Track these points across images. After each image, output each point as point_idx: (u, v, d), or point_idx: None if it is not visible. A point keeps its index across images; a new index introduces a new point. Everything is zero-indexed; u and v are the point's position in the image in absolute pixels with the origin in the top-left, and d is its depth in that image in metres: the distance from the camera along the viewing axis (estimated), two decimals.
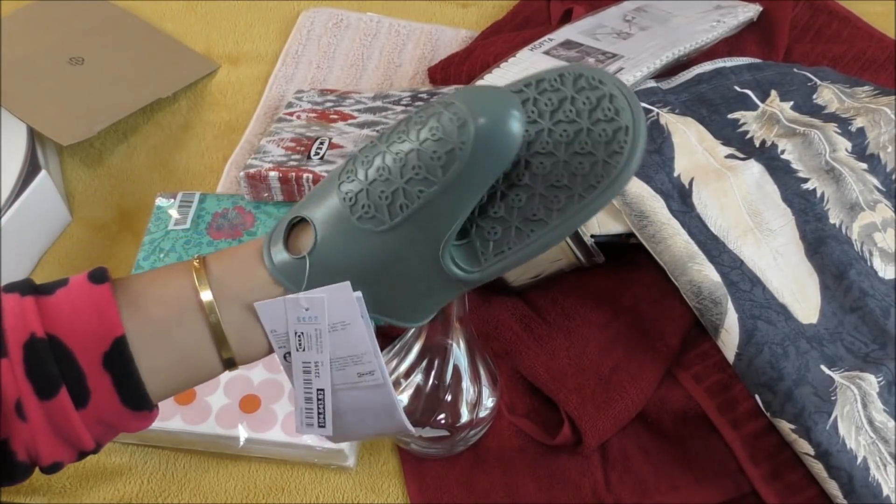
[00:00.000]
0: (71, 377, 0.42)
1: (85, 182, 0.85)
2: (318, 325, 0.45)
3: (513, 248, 0.44)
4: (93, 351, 0.42)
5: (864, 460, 0.59)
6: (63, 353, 0.42)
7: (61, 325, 0.42)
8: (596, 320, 0.70)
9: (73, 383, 0.42)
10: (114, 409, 0.43)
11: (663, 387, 0.67)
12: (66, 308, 0.43)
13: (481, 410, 0.62)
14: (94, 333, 0.42)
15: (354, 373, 0.46)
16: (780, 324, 0.63)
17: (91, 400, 0.43)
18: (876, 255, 0.69)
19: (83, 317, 0.43)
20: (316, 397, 0.47)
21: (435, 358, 0.61)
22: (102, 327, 0.42)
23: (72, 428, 0.43)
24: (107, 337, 0.42)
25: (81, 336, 0.42)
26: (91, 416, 0.43)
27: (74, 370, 0.42)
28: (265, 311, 0.45)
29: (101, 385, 0.43)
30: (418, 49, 0.97)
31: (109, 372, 0.42)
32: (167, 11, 1.00)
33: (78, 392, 0.42)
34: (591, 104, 0.43)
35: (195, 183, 0.84)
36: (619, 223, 0.69)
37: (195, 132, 0.89)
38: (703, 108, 0.76)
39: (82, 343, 0.42)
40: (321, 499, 0.64)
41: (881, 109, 0.75)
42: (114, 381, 0.43)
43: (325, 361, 0.46)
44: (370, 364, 0.46)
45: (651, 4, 0.92)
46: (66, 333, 0.42)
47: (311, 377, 0.46)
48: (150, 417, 0.46)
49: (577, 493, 0.63)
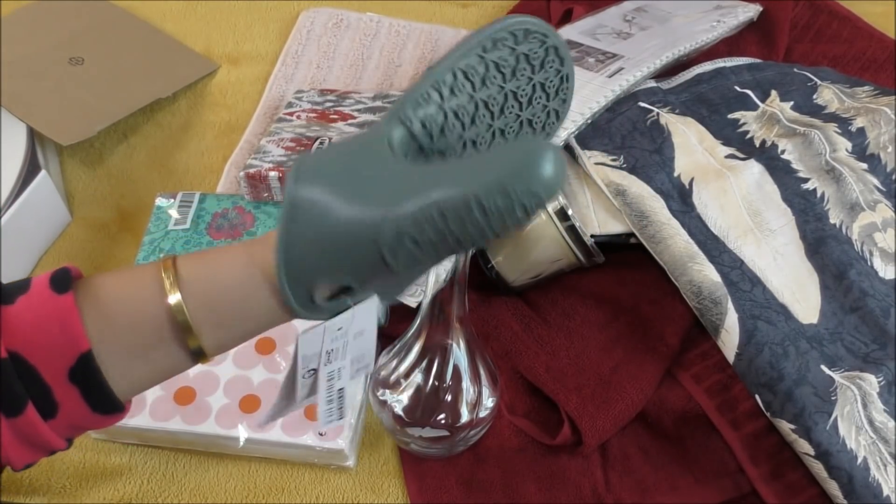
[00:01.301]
0: (36, 392, 0.41)
1: (85, 182, 0.85)
2: (346, 337, 0.45)
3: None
4: (57, 366, 0.41)
5: (865, 460, 0.59)
6: (26, 369, 0.41)
7: (24, 340, 0.41)
8: (596, 320, 0.70)
9: (40, 398, 0.41)
10: (84, 416, 0.43)
11: (663, 387, 0.67)
12: (28, 320, 0.42)
13: (481, 410, 0.62)
14: (58, 349, 0.41)
15: (354, 369, 0.48)
16: (781, 324, 0.63)
17: (60, 411, 0.42)
18: (876, 255, 0.68)
19: (45, 331, 0.41)
20: (337, 396, 0.48)
21: (435, 358, 0.61)
22: (66, 342, 0.41)
23: (42, 437, 0.42)
24: (71, 352, 0.41)
25: (45, 352, 0.41)
26: (61, 424, 0.43)
27: (40, 385, 0.41)
28: (304, 340, 0.44)
29: (68, 398, 0.42)
30: (418, 49, 0.96)
31: (76, 384, 0.42)
32: (167, 11, 1.00)
33: (45, 405, 0.42)
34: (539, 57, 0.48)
35: (195, 183, 0.84)
36: (619, 223, 0.69)
37: (195, 132, 0.89)
38: (704, 108, 0.76)
39: (46, 359, 0.41)
40: (321, 499, 0.64)
41: (881, 109, 0.75)
42: (81, 392, 0.42)
43: (346, 366, 0.47)
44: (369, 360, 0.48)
45: (651, 4, 0.92)
46: (30, 350, 0.41)
47: (335, 382, 0.47)
48: (123, 415, 0.45)
49: (577, 493, 0.63)
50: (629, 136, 0.72)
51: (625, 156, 0.70)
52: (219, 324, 0.44)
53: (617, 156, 0.71)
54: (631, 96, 0.75)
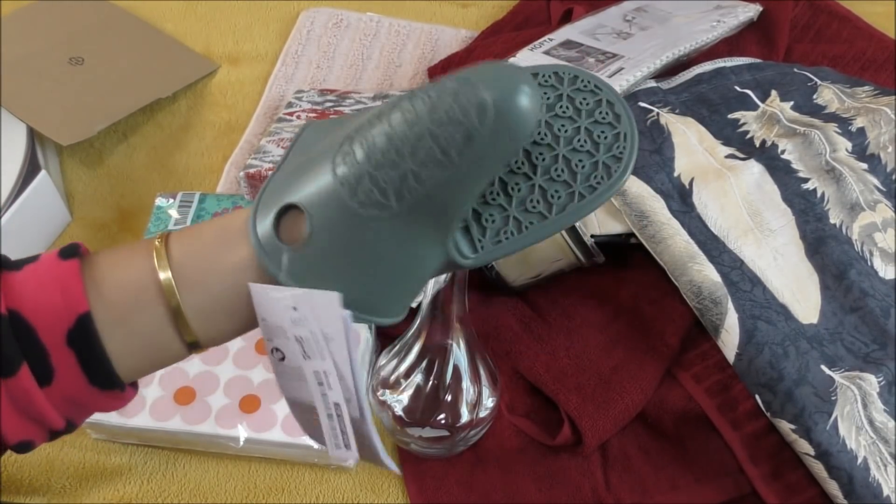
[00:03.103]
0: (33, 354, 0.41)
1: (85, 182, 0.85)
2: (312, 327, 0.41)
3: (510, 238, 0.44)
4: (56, 327, 0.41)
5: (865, 460, 0.59)
6: (25, 329, 0.40)
7: (24, 300, 0.41)
8: (596, 320, 0.70)
9: (36, 360, 0.41)
10: (80, 388, 0.42)
11: (663, 387, 0.67)
12: (31, 283, 0.41)
13: (481, 410, 0.62)
14: (58, 309, 0.41)
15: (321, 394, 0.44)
16: (781, 324, 0.63)
17: (55, 377, 0.41)
18: (876, 255, 0.68)
19: (47, 292, 0.41)
20: (335, 413, 0.43)
21: (435, 358, 0.61)
22: (66, 303, 0.41)
23: (35, 406, 0.41)
24: (71, 313, 0.41)
25: (45, 312, 0.41)
26: (57, 393, 0.42)
27: (37, 347, 0.41)
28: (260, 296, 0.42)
29: (65, 362, 0.41)
30: (418, 49, 0.97)
31: (73, 349, 0.41)
32: (167, 11, 1.00)
33: (41, 369, 0.41)
34: (588, 106, 0.44)
35: (195, 183, 0.84)
36: (619, 223, 0.69)
37: (195, 132, 0.89)
38: (704, 108, 0.76)
39: (45, 319, 0.41)
40: (321, 499, 0.64)
41: (881, 109, 0.75)
42: (78, 358, 0.41)
43: (331, 371, 0.42)
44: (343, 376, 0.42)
45: (651, 4, 0.92)
46: (29, 309, 0.41)
47: (325, 390, 0.43)
48: (124, 397, 0.44)
49: (577, 493, 0.63)
50: None
51: None
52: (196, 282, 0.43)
53: None
54: (631, 96, 0.75)
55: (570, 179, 0.44)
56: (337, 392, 0.42)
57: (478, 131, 0.40)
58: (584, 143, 0.44)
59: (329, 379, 0.42)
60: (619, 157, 0.43)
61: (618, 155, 0.44)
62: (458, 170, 0.41)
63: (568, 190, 0.44)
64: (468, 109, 0.40)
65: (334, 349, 0.41)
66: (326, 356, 0.42)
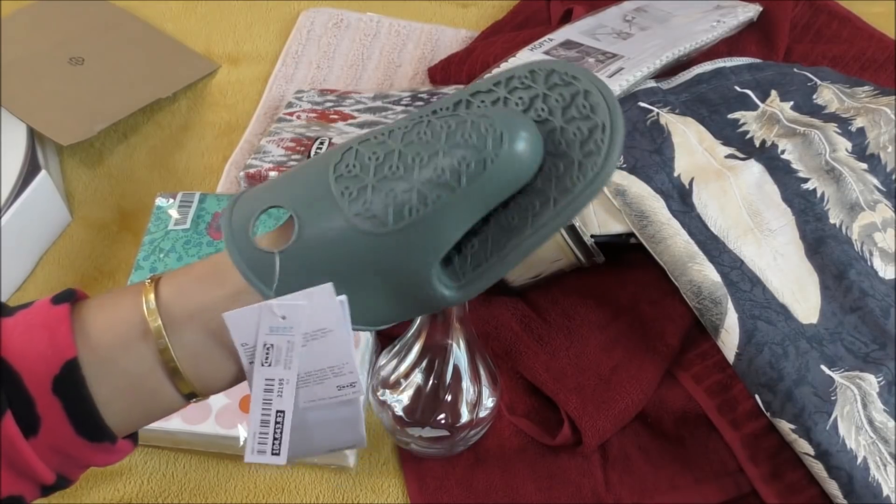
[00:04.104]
0: (18, 402, 0.39)
1: (85, 182, 0.85)
2: (292, 336, 0.40)
3: (490, 260, 0.42)
4: (42, 374, 0.39)
5: (864, 460, 0.59)
6: (10, 376, 0.39)
7: (12, 346, 0.39)
8: (596, 320, 0.70)
9: (21, 409, 0.39)
10: (68, 438, 0.40)
11: (663, 387, 0.67)
12: (20, 329, 0.40)
13: (481, 410, 0.62)
14: (44, 356, 0.39)
15: (334, 386, 0.42)
16: (781, 324, 0.63)
17: (42, 427, 0.39)
18: (876, 255, 0.69)
19: (35, 338, 0.39)
20: (274, 420, 0.41)
21: (435, 358, 0.61)
22: (53, 349, 0.39)
23: (21, 457, 0.39)
24: (57, 360, 0.39)
25: (31, 358, 0.39)
26: (43, 444, 0.39)
27: (22, 395, 0.39)
28: (235, 321, 0.40)
29: (51, 411, 0.39)
30: (418, 49, 0.97)
31: (59, 397, 0.39)
32: (167, 11, 1.00)
33: (27, 418, 0.39)
34: (564, 101, 0.41)
35: (195, 183, 0.84)
36: (619, 223, 0.69)
37: (195, 132, 0.89)
38: (703, 108, 0.76)
39: (31, 366, 0.39)
40: (321, 499, 0.64)
41: (881, 109, 0.75)
42: (64, 406, 0.39)
43: (291, 380, 0.41)
44: (351, 375, 0.42)
45: (651, 4, 0.92)
46: (16, 356, 0.39)
47: (273, 396, 0.41)
48: (115, 450, 0.42)
49: (577, 493, 0.63)
50: (629, 136, 0.72)
51: (625, 156, 0.70)
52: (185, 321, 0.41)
53: None
54: (631, 96, 0.75)
55: (545, 186, 0.41)
56: (286, 401, 0.41)
57: (491, 163, 0.39)
58: (559, 145, 0.41)
59: (283, 388, 0.41)
60: (595, 152, 0.39)
61: (594, 149, 0.39)
62: (463, 198, 0.40)
63: (542, 199, 0.41)
64: (486, 138, 0.39)
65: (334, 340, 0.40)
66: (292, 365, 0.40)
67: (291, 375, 0.40)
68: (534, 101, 0.41)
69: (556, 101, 0.41)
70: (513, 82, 0.42)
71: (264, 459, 0.42)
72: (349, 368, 0.41)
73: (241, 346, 0.40)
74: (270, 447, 0.42)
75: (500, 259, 0.42)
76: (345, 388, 0.42)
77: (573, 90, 0.41)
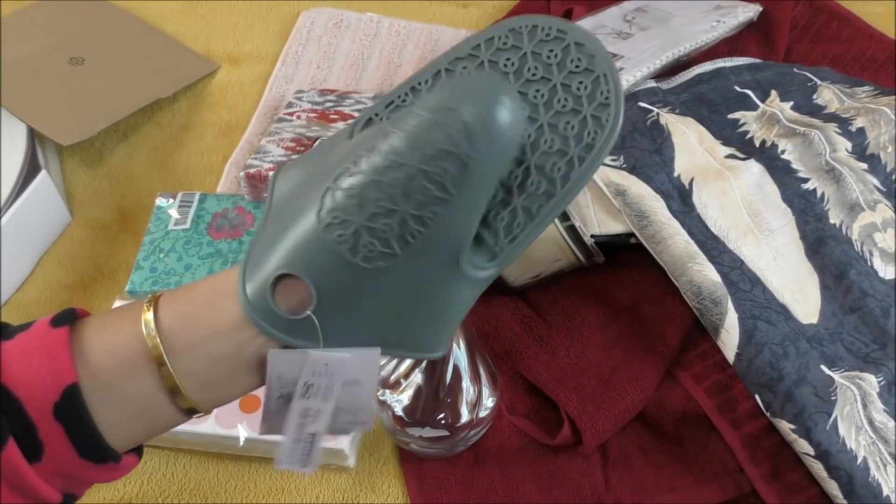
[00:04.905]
0: (20, 428, 0.38)
1: (85, 182, 0.85)
2: (333, 380, 0.41)
3: (525, 229, 0.41)
4: (42, 400, 0.39)
5: (864, 460, 0.59)
6: (11, 403, 0.38)
7: (11, 372, 0.39)
8: (596, 320, 0.70)
9: (24, 436, 0.38)
10: (72, 462, 0.40)
11: (663, 387, 0.67)
12: (19, 354, 0.39)
13: (481, 410, 0.62)
14: (45, 382, 0.39)
15: (346, 421, 0.44)
16: (781, 324, 0.63)
17: (45, 453, 0.39)
18: (876, 255, 0.69)
19: (34, 363, 0.39)
20: (307, 440, 0.44)
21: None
22: (53, 375, 0.39)
23: (26, 482, 0.39)
24: (57, 386, 0.39)
25: (31, 385, 0.39)
26: (48, 469, 0.39)
27: (24, 421, 0.38)
28: (278, 360, 0.41)
29: (53, 437, 0.39)
30: (418, 49, 0.97)
31: (61, 423, 0.39)
32: (167, 11, 1.00)
33: (30, 445, 0.39)
34: (557, 58, 0.40)
35: (195, 183, 0.84)
36: (619, 223, 0.69)
37: (195, 132, 0.89)
38: (703, 108, 0.76)
39: (32, 392, 0.39)
40: (321, 499, 0.64)
41: (881, 109, 0.75)
42: (67, 432, 0.39)
43: (327, 410, 0.42)
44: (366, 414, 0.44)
45: (651, 4, 0.92)
46: (16, 383, 0.39)
47: (307, 422, 0.43)
48: (119, 468, 0.42)
49: (577, 493, 0.63)
50: (629, 137, 0.72)
51: (625, 156, 0.70)
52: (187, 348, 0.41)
53: (617, 156, 0.71)
54: (631, 96, 0.75)
55: (564, 146, 0.40)
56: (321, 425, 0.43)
57: (471, 157, 0.38)
58: (566, 102, 0.39)
59: (318, 416, 0.42)
60: (607, 104, 0.39)
61: (604, 102, 0.39)
62: (459, 201, 0.39)
63: (566, 158, 0.40)
64: (455, 137, 0.38)
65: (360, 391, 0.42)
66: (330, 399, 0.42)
67: (327, 407, 0.42)
68: (523, 62, 0.40)
69: (547, 57, 0.40)
70: (493, 44, 0.41)
71: (294, 468, 0.44)
72: (366, 415, 0.44)
73: (277, 376, 0.41)
74: (300, 460, 0.44)
75: (534, 226, 0.41)
76: (355, 424, 0.44)
77: (564, 44, 0.40)
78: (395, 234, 0.39)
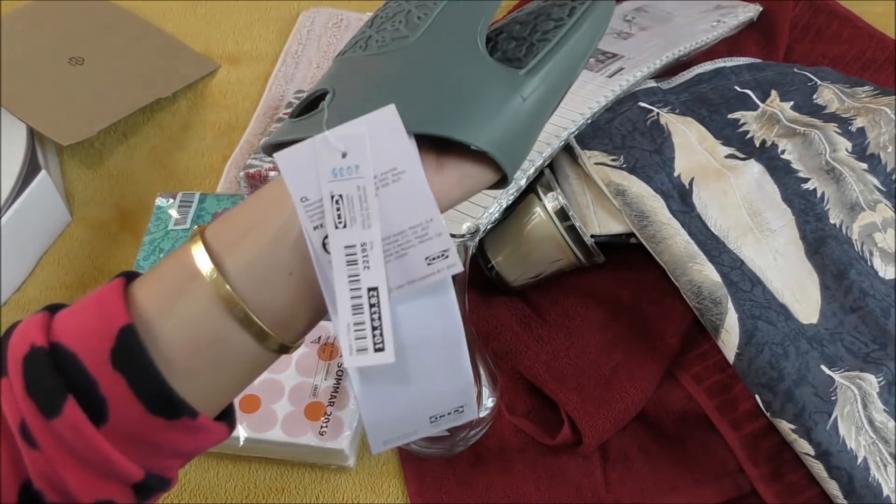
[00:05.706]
0: (81, 387, 0.34)
1: (85, 182, 0.85)
2: (361, 178, 0.32)
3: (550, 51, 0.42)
4: (99, 350, 0.35)
5: (865, 460, 0.59)
6: (68, 360, 0.35)
7: (66, 329, 0.36)
8: (596, 320, 0.70)
9: (85, 394, 0.34)
10: (141, 420, 0.35)
11: (663, 387, 0.67)
12: (74, 310, 0.37)
13: (481, 410, 0.62)
14: (98, 329, 0.35)
15: (422, 257, 0.33)
16: (781, 324, 0.63)
17: (110, 411, 0.35)
18: (876, 255, 0.68)
19: (87, 314, 0.36)
20: (367, 302, 0.33)
21: None
22: (104, 321, 0.35)
23: (94, 449, 0.34)
24: (111, 330, 0.35)
25: (86, 336, 0.35)
26: (116, 432, 0.35)
27: (83, 378, 0.34)
28: (287, 164, 0.32)
29: (115, 390, 0.35)
30: None
31: (121, 371, 0.35)
32: (167, 11, 1.00)
33: (92, 403, 0.34)
34: None
35: (195, 183, 0.84)
36: (619, 223, 0.69)
37: (195, 132, 0.89)
38: (704, 108, 0.76)
39: (87, 344, 0.35)
40: (321, 499, 0.64)
41: (881, 109, 0.75)
42: (128, 381, 0.35)
43: (375, 242, 0.32)
44: (440, 239, 0.32)
45: (651, 4, 0.92)
46: (71, 337, 0.35)
47: (358, 270, 0.32)
48: (200, 428, 0.37)
49: (577, 493, 0.63)
50: (629, 136, 0.72)
51: (625, 156, 0.70)
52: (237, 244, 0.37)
53: (617, 156, 0.71)
54: (631, 96, 0.75)
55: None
56: (376, 272, 0.32)
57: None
58: None
59: (368, 255, 0.32)
60: None
61: None
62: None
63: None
64: None
65: (410, 185, 0.32)
66: (372, 221, 0.32)
67: (375, 236, 0.32)
68: None
69: None
70: None
71: (368, 360, 0.33)
72: (435, 228, 0.32)
73: (301, 201, 0.33)
74: (371, 341, 0.33)
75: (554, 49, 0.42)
76: (435, 259, 0.33)
77: None
78: (403, 24, 0.41)
